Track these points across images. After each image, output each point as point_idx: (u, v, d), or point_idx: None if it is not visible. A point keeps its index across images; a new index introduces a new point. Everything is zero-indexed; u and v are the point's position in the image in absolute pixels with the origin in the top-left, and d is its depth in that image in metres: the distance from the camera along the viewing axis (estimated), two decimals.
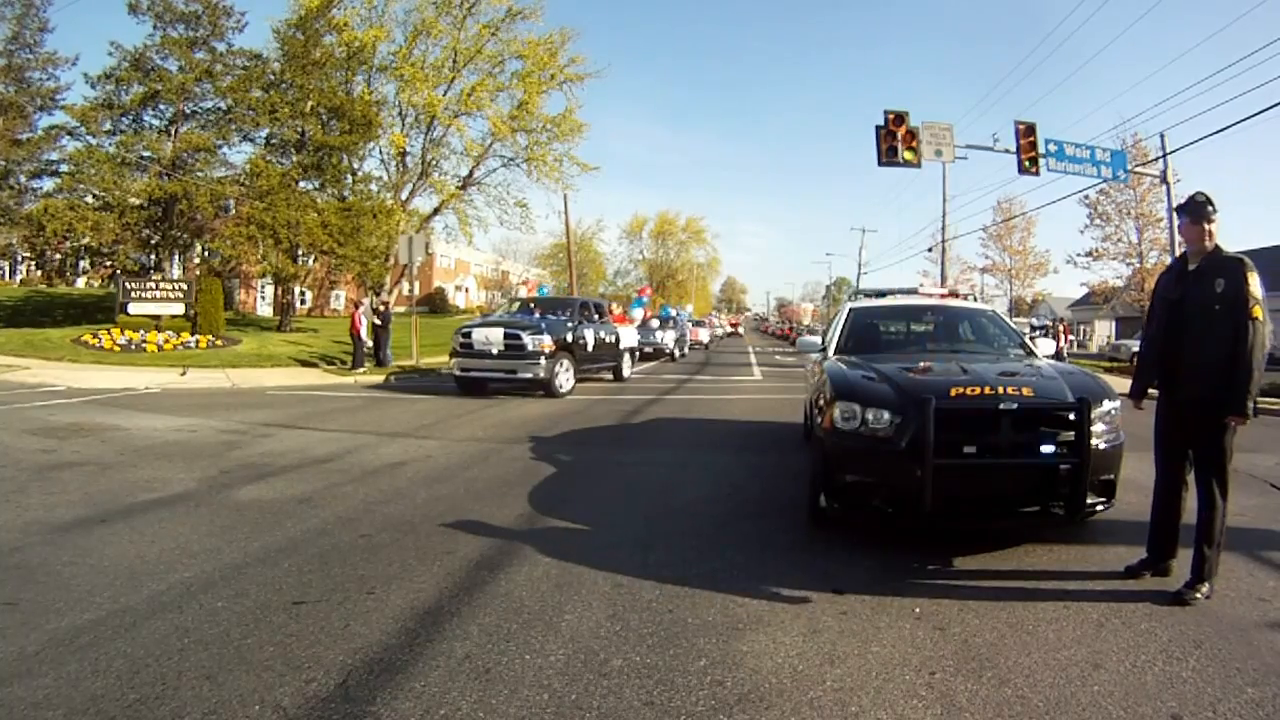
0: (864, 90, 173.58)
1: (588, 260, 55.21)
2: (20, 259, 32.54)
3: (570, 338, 12.05)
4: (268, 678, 2.42)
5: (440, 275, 55.61)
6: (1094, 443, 3.57)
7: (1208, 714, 2.27)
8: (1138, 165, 20.79)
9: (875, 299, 6.95)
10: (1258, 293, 3.14)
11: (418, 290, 34.66)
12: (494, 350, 11.27)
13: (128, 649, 2.61)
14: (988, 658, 2.65)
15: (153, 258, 22.54)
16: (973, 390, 3.69)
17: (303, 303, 37.47)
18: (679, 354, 24.53)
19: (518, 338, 11.17)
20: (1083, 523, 3.99)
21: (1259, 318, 3.11)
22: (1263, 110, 20.62)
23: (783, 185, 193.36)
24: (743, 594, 3.25)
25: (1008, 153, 16.73)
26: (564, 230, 34.14)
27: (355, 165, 23.25)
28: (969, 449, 3.56)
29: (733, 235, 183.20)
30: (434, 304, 47.81)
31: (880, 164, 16.11)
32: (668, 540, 4.06)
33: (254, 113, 21.39)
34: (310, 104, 21.28)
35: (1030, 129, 16.49)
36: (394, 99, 24.57)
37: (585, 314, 13.29)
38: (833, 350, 5.52)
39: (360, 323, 15.94)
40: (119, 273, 20.58)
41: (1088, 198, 27.98)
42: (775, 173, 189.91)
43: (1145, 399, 3.62)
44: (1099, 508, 3.80)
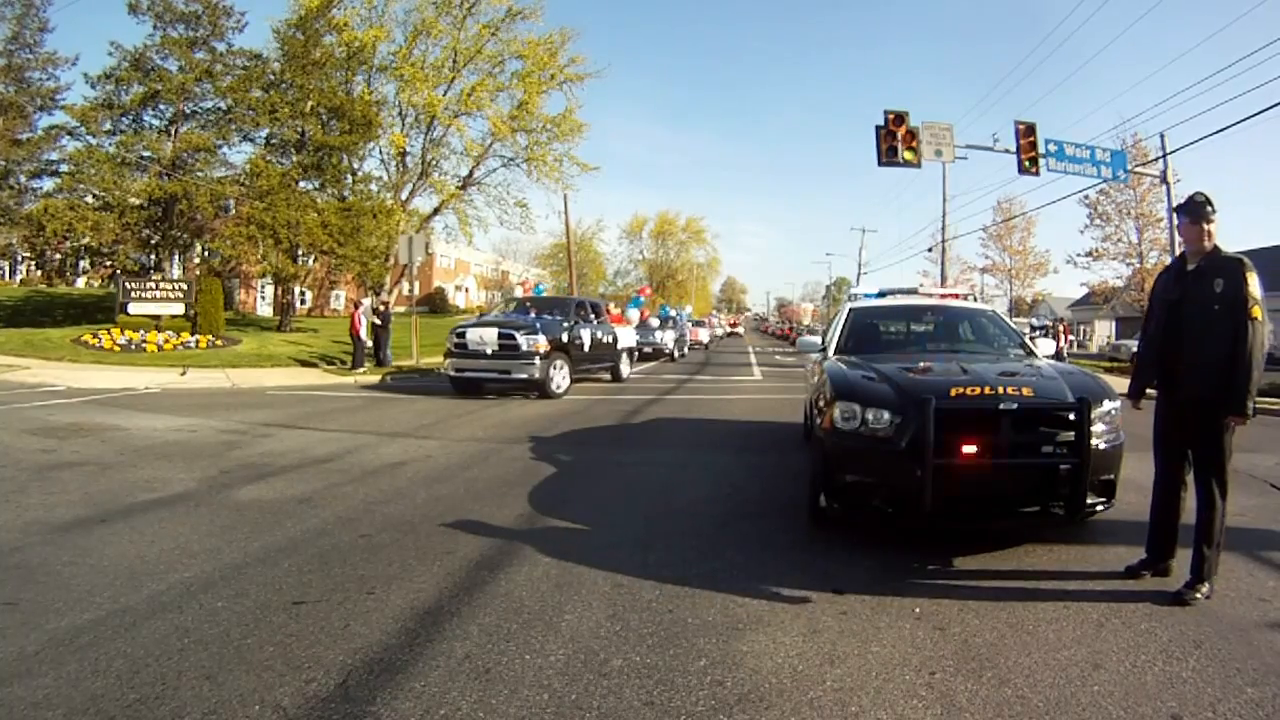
0: (864, 90, 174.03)
1: (588, 260, 55.19)
2: (20, 259, 32.57)
3: (566, 338, 11.90)
4: (268, 678, 2.42)
5: (440, 275, 55.60)
6: (1094, 443, 3.57)
7: (1208, 714, 2.27)
8: (1138, 165, 20.80)
9: (875, 299, 6.95)
10: (1257, 293, 3.14)
11: (418, 290, 34.67)
12: (488, 350, 11.11)
13: (128, 649, 2.61)
14: (988, 658, 2.65)
15: (153, 258, 22.56)
16: (973, 390, 3.69)
17: (303, 303, 37.48)
18: (679, 354, 24.52)
19: (512, 338, 11.01)
20: (1083, 523, 3.99)
21: (1258, 318, 3.12)
22: (1263, 110, 20.67)
23: (783, 185, 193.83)
24: (743, 594, 3.25)
25: (1008, 153, 16.75)
26: (564, 230, 34.17)
27: (355, 165, 23.29)
28: (969, 449, 3.56)
29: (733, 235, 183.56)
30: (434, 304, 47.79)
31: (880, 164, 16.14)
32: (668, 540, 4.06)
33: (254, 113, 21.41)
34: (310, 104, 21.29)
35: (1030, 129, 16.51)
36: (394, 99, 24.62)
37: (581, 314, 13.11)
38: (833, 350, 5.52)
39: (360, 323, 15.93)
40: (119, 273, 20.60)
41: (1088, 198, 28.07)
42: (775, 173, 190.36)
43: (1144, 399, 3.62)
44: (1099, 508, 3.80)
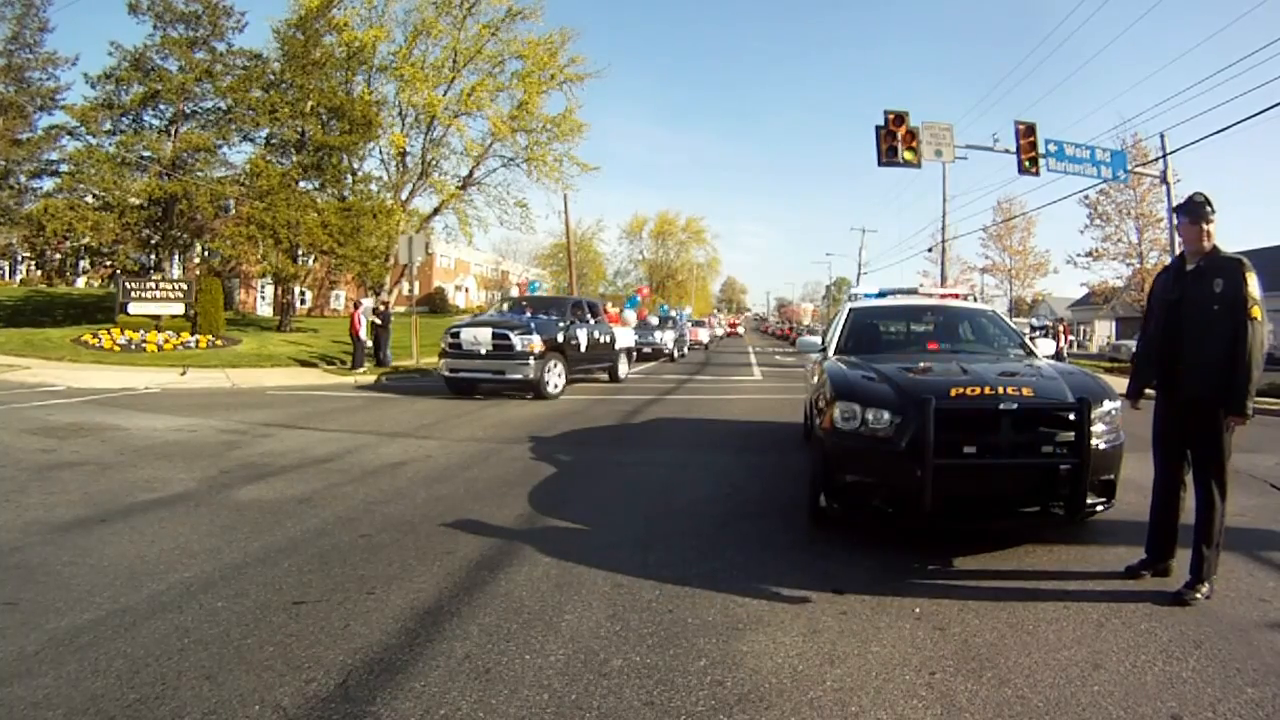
0: (864, 90, 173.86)
1: (588, 260, 55.24)
2: (20, 259, 32.60)
3: (562, 338, 11.71)
4: (268, 678, 2.42)
5: (440, 275, 55.59)
6: (1094, 443, 3.57)
7: (1208, 714, 2.27)
8: (1138, 165, 20.80)
9: (875, 299, 6.95)
10: (1256, 293, 3.15)
11: (418, 290, 34.65)
12: (482, 350, 10.96)
13: (128, 649, 2.61)
14: (988, 658, 2.65)
15: (153, 258, 22.56)
16: (973, 390, 3.69)
17: (303, 303, 37.50)
18: (678, 354, 24.52)
19: (506, 338, 10.83)
20: (1083, 523, 3.99)
21: (1257, 318, 3.12)
22: (1263, 110, 20.49)
23: (782, 185, 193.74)
24: (743, 594, 3.25)
25: (1008, 153, 16.76)
26: (564, 230, 34.19)
27: (355, 165, 23.31)
28: (969, 449, 3.56)
29: (733, 235, 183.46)
30: (434, 304, 47.77)
31: (880, 164, 16.14)
32: (668, 540, 4.06)
33: (254, 113, 21.41)
34: (310, 104, 21.30)
35: (1030, 129, 16.52)
36: (394, 99, 24.64)
37: (578, 314, 12.93)
38: (833, 350, 5.52)
39: (360, 323, 15.94)
40: (119, 273, 20.60)
41: (1088, 198, 28.07)
42: (775, 173, 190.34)
43: (1142, 399, 3.62)
44: (1099, 508, 3.80)
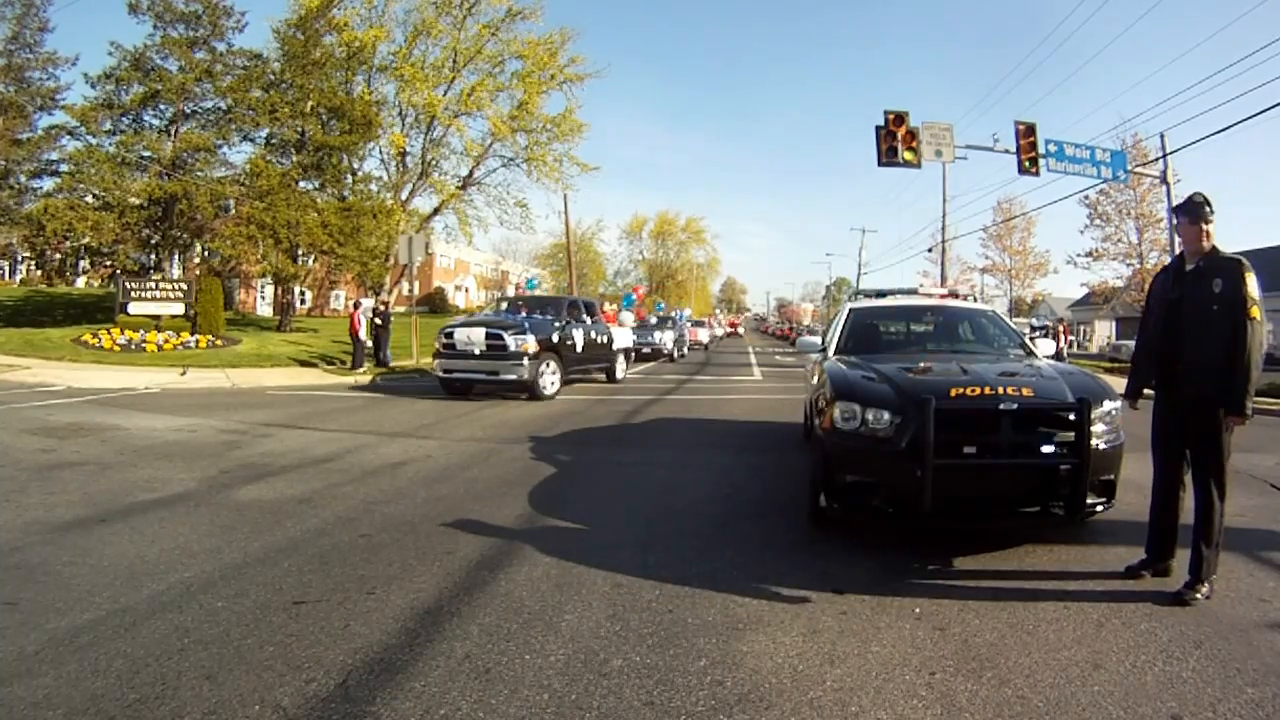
0: (864, 90, 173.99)
1: (588, 260, 55.26)
2: (20, 259, 32.62)
3: (557, 338, 11.53)
4: (268, 678, 2.42)
5: (440, 275, 55.57)
6: (1094, 443, 3.57)
7: (1208, 714, 2.27)
8: (1138, 165, 20.80)
9: (875, 299, 6.95)
10: (1255, 293, 3.15)
11: (418, 290, 34.62)
12: (476, 351, 10.83)
13: (128, 649, 2.61)
14: (988, 658, 2.65)
15: (153, 258, 22.56)
16: (973, 390, 3.69)
17: (303, 303, 37.51)
18: (678, 354, 24.51)
19: (499, 338, 10.69)
20: (1083, 523, 3.99)
21: (1256, 318, 3.12)
22: (1263, 110, 20.55)
23: (782, 185, 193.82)
24: (743, 594, 3.25)
25: (1008, 153, 16.76)
26: (564, 230, 34.21)
27: (355, 165, 23.32)
28: (969, 449, 3.56)
29: (733, 235, 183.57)
30: (434, 304, 47.76)
31: (880, 164, 16.13)
32: (668, 540, 4.06)
33: (254, 113, 21.41)
34: (310, 104, 21.30)
35: (1030, 129, 16.51)
36: (394, 99, 24.65)
37: (574, 313, 12.75)
38: (833, 350, 5.52)
39: (360, 323, 15.93)
40: (119, 273, 20.61)
41: (1088, 198, 28.10)
42: (775, 173, 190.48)
43: (1140, 399, 3.62)
44: (1099, 508, 3.80)
